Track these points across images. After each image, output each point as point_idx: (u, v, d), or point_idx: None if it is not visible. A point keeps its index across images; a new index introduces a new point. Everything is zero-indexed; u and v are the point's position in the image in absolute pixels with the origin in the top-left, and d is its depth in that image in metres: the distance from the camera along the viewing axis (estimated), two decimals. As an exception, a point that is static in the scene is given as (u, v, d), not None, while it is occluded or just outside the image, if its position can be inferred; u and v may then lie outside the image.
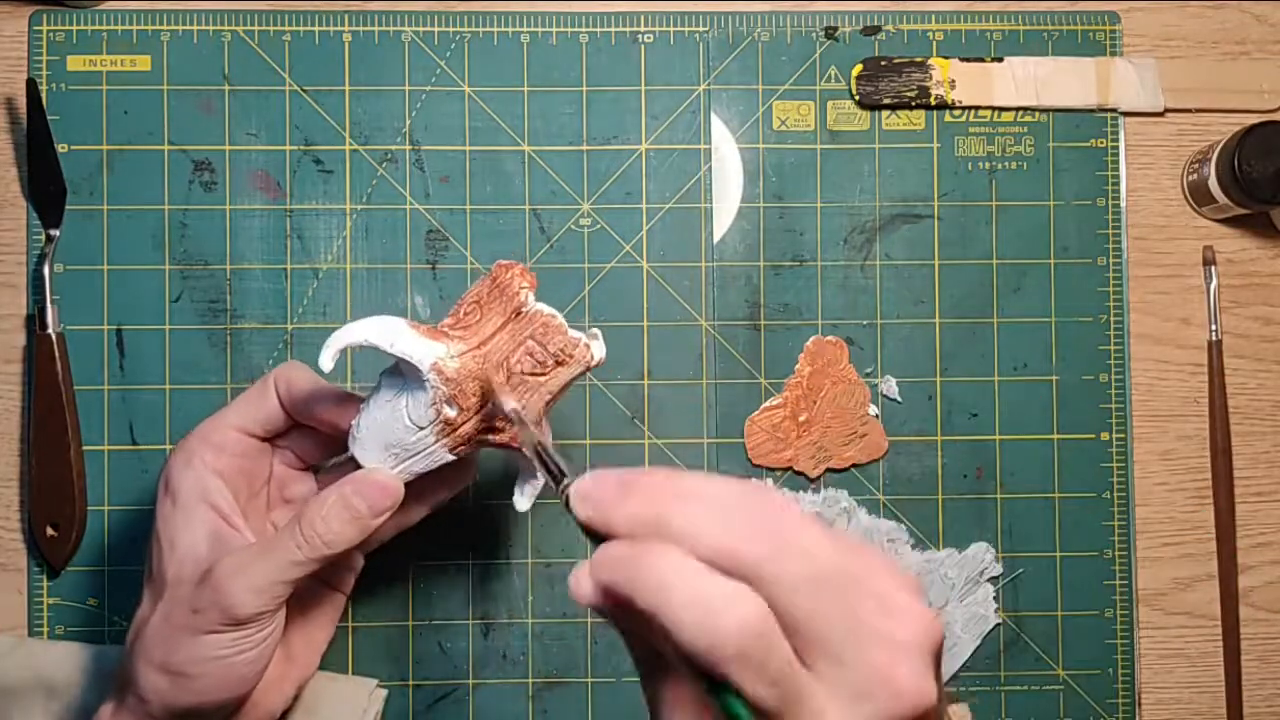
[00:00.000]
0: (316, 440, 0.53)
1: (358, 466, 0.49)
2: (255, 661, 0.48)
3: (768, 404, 0.62)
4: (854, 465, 0.62)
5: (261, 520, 0.53)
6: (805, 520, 0.34)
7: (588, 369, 0.49)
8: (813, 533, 0.34)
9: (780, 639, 0.33)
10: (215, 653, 0.47)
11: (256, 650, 0.48)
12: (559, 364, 0.49)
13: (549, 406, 0.50)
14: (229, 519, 0.49)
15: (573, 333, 0.49)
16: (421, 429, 0.48)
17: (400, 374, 0.49)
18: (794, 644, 0.33)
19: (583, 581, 0.34)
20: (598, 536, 0.35)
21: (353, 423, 0.49)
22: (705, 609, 0.32)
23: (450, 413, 0.48)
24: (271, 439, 0.52)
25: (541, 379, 0.49)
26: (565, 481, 0.38)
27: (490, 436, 0.49)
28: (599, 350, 0.50)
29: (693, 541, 0.33)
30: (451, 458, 0.49)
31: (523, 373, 0.48)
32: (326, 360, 0.48)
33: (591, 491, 0.36)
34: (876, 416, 0.62)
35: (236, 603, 0.46)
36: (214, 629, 0.47)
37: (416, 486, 0.51)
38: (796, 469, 0.62)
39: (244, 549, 0.48)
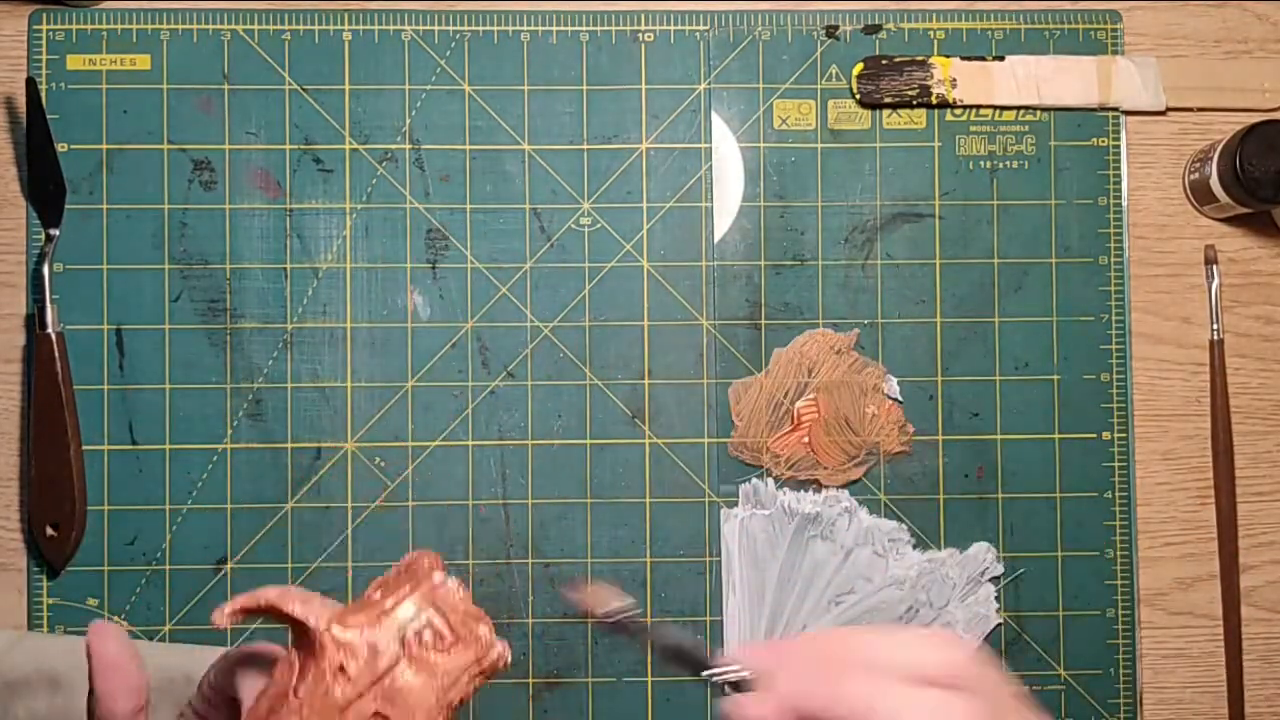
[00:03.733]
0: None
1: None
2: None
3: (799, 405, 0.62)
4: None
5: None
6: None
7: (490, 663, 0.46)
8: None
9: None
10: None
11: None
12: (459, 642, 0.45)
13: (450, 708, 0.46)
14: None
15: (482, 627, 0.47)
16: (311, 710, 0.43)
17: (292, 655, 0.46)
18: None
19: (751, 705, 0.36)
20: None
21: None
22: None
23: (338, 689, 0.44)
24: None
25: (443, 658, 0.45)
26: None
27: None
28: (501, 646, 0.46)
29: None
30: None
31: (422, 643, 0.45)
32: (221, 617, 0.44)
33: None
34: (876, 415, 0.62)
35: None
36: None
37: None
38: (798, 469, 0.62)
39: None
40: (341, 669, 0.44)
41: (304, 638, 0.45)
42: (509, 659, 0.46)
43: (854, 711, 0.34)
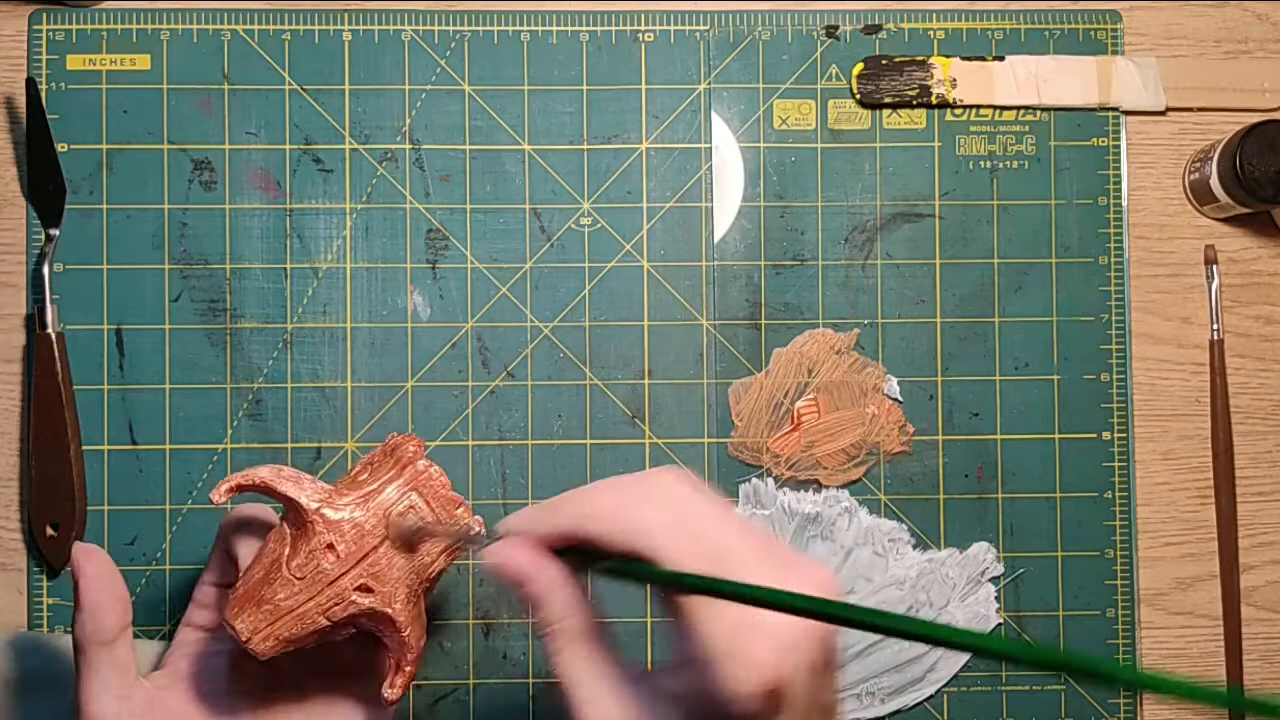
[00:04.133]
0: None
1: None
2: None
3: (801, 404, 0.62)
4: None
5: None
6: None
7: (465, 537, 0.49)
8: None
9: None
10: None
11: None
12: (438, 522, 0.49)
13: (427, 580, 0.50)
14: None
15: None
16: (299, 581, 0.48)
17: (285, 529, 0.49)
18: None
19: (510, 549, 0.44)
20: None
21: (236, 585, 0.49)
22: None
23: (328, 564, 0.48)
24: None
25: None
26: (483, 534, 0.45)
27: (361, 600, 0.48)
28: (475, 524, 0.51)
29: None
30: (325, 623, 0.48)
31: (406, 528, 0.49)
32: (218, 494, 0.49)
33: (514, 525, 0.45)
34: (875, 415, 0.62)
35: None
36: None
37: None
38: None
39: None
40: (330, 546, 0.48)
41: (296, 515, 0.49)
42: (483, 532, 0.51)
43: (588, 520, 0.42)
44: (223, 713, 0.51)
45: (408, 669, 0.49)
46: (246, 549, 0.51)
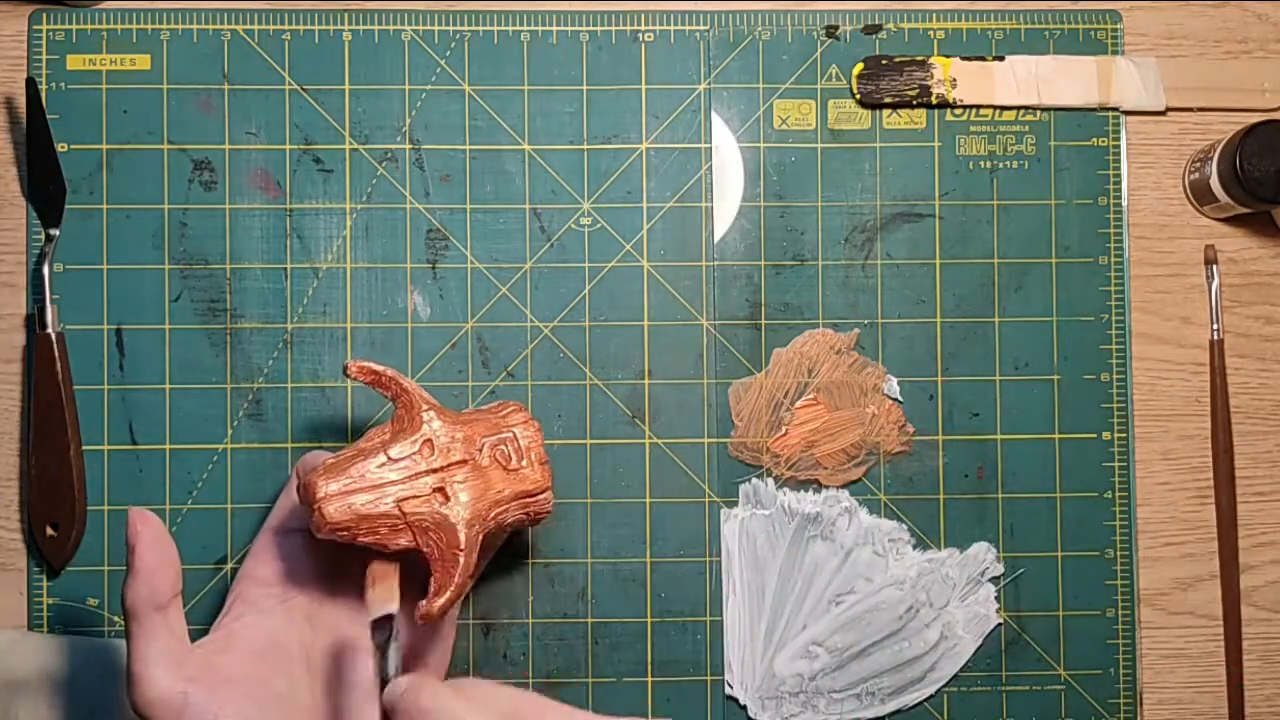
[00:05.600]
0: None
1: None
2: None
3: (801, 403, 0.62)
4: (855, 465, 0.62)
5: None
6: None
7: (539, 496, 0.54)
8: None
9: None
10: None
11: None
12: (522, 471, 0.53)
13: (494, 514, 0.53)
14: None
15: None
16: (391, 462, 0.51)
17: (388, 426, 0.53)
18: None
19: None
20: None
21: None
22: None
23: (420, 457, 0.51)
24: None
25: (505, 473, 0.53)
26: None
27: (435, 501, 0.51)
28: (550, 495, 0.55)
29: None
30: (396, 513, 0.50)
31: (494, 458, 0.53)
32: (354, 369, 0.54)
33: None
34: (876, 414, 0.62)
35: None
36: None
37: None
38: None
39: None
40: (429, 442, 0.52)
41: (408, 412, 0.53)
42: (551, 509, 0.54)
43: None
44: (277, 674, 0.50)
45: (450, 592, 0.50)
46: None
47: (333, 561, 0.54)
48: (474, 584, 0.58)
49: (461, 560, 0.50)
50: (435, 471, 0.51)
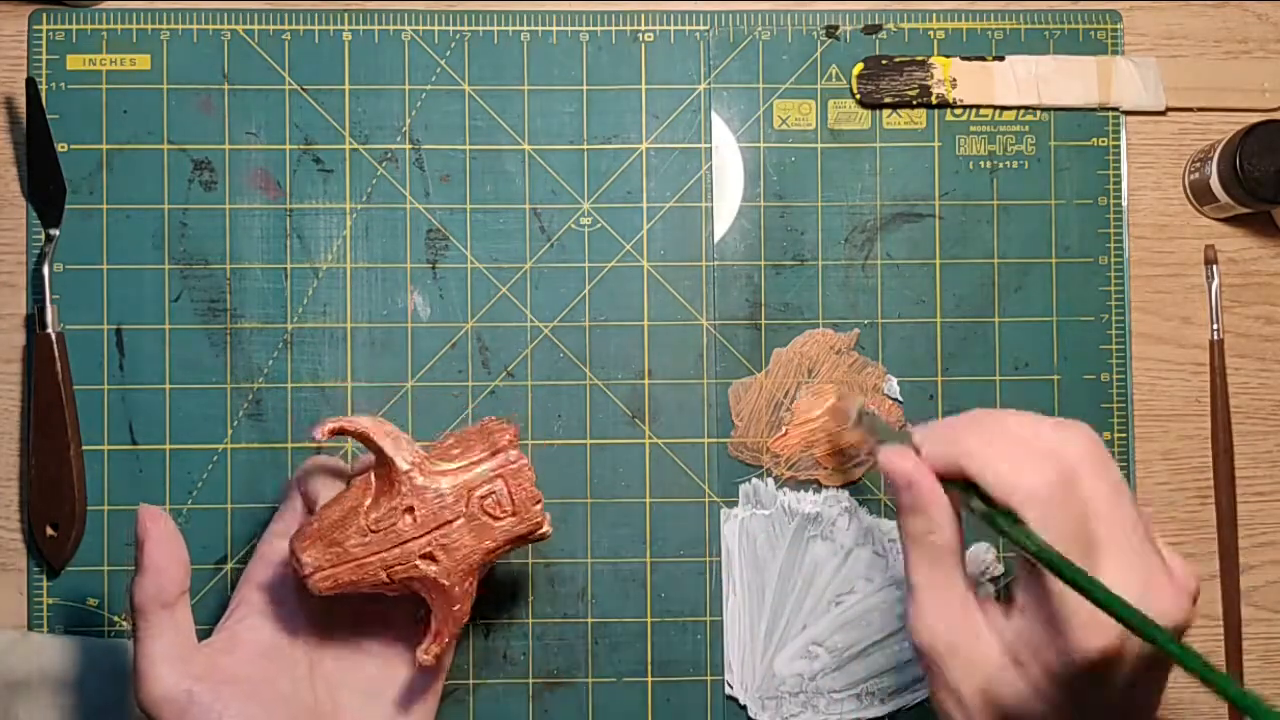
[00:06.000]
0: None
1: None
2: None
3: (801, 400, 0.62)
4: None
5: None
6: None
7: (534, 534, 0.51)
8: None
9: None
10: None
11: None
12: (514, 515, 0.51)
13: (486, 560, 0.51)
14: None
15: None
16: (372, 533, 0.49)
17: (370, 479, 0.51)
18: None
19: (899, 457, 0.45)
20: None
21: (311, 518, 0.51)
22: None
23: (404, 525, 0.50)
24: None
25: (495, 523, 0.51)
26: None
27: (424, 566, 0.50)
28: (546, 524, 0.52)
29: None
30: (385, 579, 0.50)
31: (482, 510, 0.51)
32: (321, 432, 0.50)
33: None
34: (876, 414, 0.62)
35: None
36: None
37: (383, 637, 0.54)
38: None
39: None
40: (410, 510, 0.50)
41: (386, 470, 0.50)
42: (550, 533, 0.52)
43: (972, 460, 0.44)
44: (280, 675, 0.51)
45: (445, 639, 0.51)
46: (326, 490, 0.52)
47: None
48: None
49: (456, 612, 0.50)
50: (420, 537, 0.50)
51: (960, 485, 0.45)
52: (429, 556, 0.50)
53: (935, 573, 0.45)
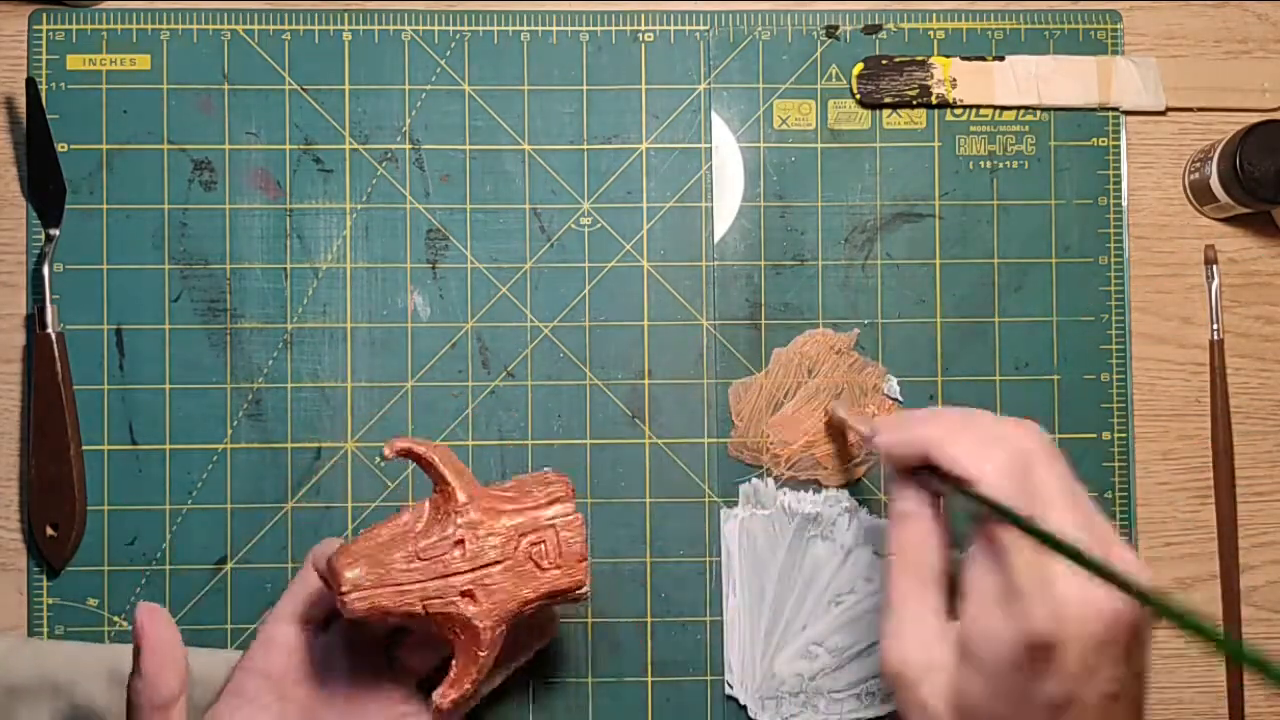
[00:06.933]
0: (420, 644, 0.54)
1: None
2: None
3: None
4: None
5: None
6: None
7: (573, 593, 0.51)
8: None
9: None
10: None
11: None
12: (559, 568, 0.51)
13: (521, 611, 0.51)
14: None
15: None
16: (420, 560, 0.49)
17: (425, 506, 0.51)
18: None
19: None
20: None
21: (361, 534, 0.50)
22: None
23: (453, 557, 0.49)
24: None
25: (539, 573, 0.50)
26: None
27: (462, 604, 0.49)
28: (587, 587, 0.52)
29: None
30: (420, 610, 0.49)
31: (529, 557, 0.50)
32: (390, 450, 0.51)
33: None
34: (876, 414, 0.62)
35: None
36: None
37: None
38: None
39: None
40: (461, 543, 0.49)
41: (443, 499, 0.50)
42: (588, 595, 0.52)
43: (934, 445, 0.47)
44: None
45: (466, 685, 0.50)
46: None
47: (335, 661, 0.53)
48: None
49: (482, 658, 0.50)
50: (463, 573, 0.49)
51: (927, 470, 0.48)
52: (469, 595, 0.49)
53: (914, 593, 0.47)
